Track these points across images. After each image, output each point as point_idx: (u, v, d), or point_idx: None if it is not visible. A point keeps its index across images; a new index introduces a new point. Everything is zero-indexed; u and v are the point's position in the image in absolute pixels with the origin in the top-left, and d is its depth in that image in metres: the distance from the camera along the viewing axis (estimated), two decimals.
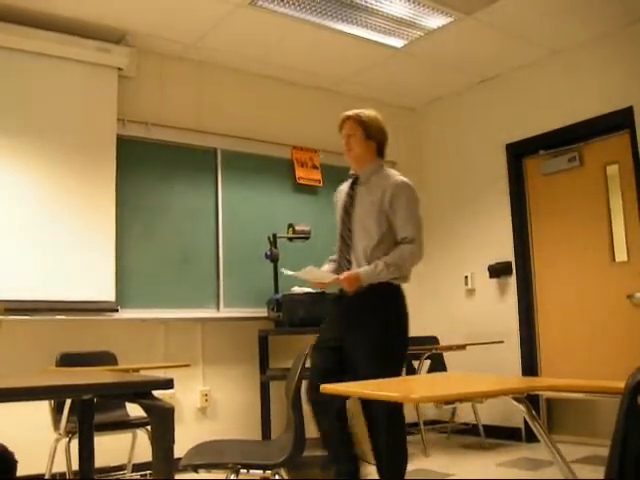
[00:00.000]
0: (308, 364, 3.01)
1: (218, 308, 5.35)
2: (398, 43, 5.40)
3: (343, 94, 6.34)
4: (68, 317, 4.64)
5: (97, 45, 4.96)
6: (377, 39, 5.32)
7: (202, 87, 5.63)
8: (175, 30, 5.13)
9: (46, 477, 4.09)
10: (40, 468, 4.12)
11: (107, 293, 4.82)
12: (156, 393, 2.15)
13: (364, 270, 3.45)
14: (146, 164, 5.26)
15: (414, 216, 3.54)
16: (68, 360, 4.28)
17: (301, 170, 5.95)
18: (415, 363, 5.53)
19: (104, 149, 4.99)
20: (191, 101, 5.55)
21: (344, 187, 3.83)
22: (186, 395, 5.11)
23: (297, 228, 5.33)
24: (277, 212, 5.68)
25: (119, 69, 5.12)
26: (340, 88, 6.28)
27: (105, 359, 4.44)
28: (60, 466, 4.00)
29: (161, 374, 3.86)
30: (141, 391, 2.16)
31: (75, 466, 3.04)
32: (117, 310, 4.89)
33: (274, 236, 5.29)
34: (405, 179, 3.63)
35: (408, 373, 5.21)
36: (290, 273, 3.71)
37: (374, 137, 3.68)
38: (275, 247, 5.26)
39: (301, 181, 5.90)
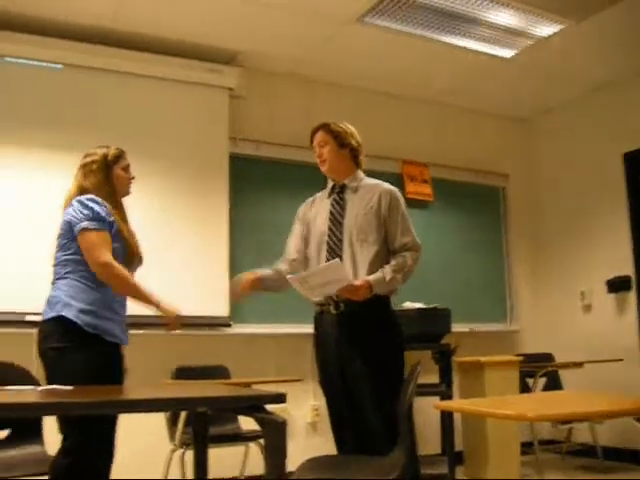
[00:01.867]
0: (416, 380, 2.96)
1: None
2: (507, 53, 5.28)
3: (453, 106, 6.27)
4: (183, 332, 4.76)
5: (209, 67, 5.12)
6: (486, 50, 5.23)
7: (311, 103, 5.68)
8: (284, 48, 5.22)
9: None
10: (156, 476, 4.23)
11: (221, 308, 4.92)
12: (269, 407, 2.16)
13: (374, 278, 3.19)
14: (257, 181, 5.36)
15: (410, 224, 3.40)
16: (183, 373, 4.38)
17: (411, 185, 5.90)
18: (529, 381, 5.36)
19: (217, 168, 5.12)
20: (300, 117, 5.61)
21: (315, 199, 3.63)
22: (297, 410, 5.14)
23: None
24: None
25: (230, 89, 5.25)
26: (450, 100, 6.21)
27: (218, 373, 4.51)
28: (175, 476, 4.10)
29: (272, 388, 3.89)
30: (254, 405, 2.18)
31: (189, 476, 3.10)
32: (230, 325, 4.99)
33: None
34: (392, 187, 3.48)
35: (522, 391, 5.06)
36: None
37: (347, 146, 3.48)
38: None
39: (411, 196, 5.84)
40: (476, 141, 6.40)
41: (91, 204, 2.92)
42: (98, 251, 2.85)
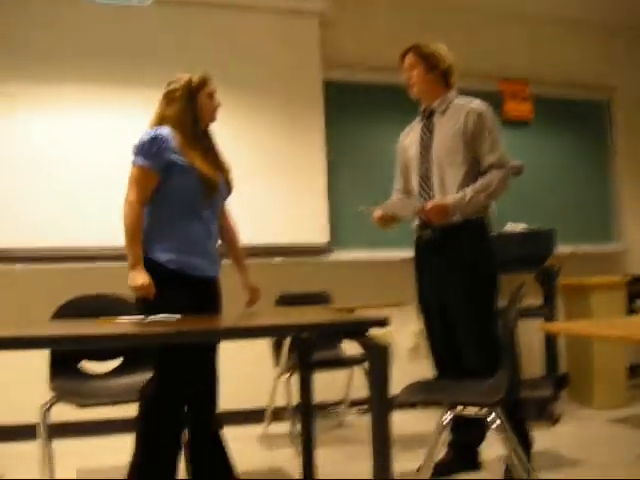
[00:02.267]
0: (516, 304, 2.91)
1: None
2: None
3: (552, 17, 5.97)
4: (286, 259, 4.83)
5: None
6: None
7: (403, 24, 5.53)
8: None
9: (268, 411, 4.33)
10: (263, 402, 4.37)
11: (321, 235, 4.97)
12: (371, 332, 2.18)
13: (452, 199, 3.14)
14: (352, 106, 5.31)
15: (500, 141, 3.24)
16: (286, 300, 4.46)
17: (511, 103, 5.71)
18: (638, 303, 5.20)
19: (311, 95, 5.10)
20: (393, 40, 5.46)
21: (411, 128, 3.54)
22: (400, 334, 5.17)
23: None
24: None
25: (319, 14, 5.17)
26: (549, 11, 5.89)
27: (320, 299, 4.58)
28: (281, 400, 4.22)
29: (375, 313, 3.92)
30: (358, 329, 2.20)
31: (295, 401, 3.18)
32: (331, 251, 5.03)
33: None
34: (484, 103, 3.33)
35: (630, 314, 4.93)
36: (369, 209, 3.42)
37: (436, 68, 3.34)
38: None
39: (511, 114, 5.67)
40: (578, 53, 6.10)
41: (145, 137, 2.84)
42: (129, 189, 2.82)
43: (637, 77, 6.33)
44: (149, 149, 2.82)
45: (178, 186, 2.85)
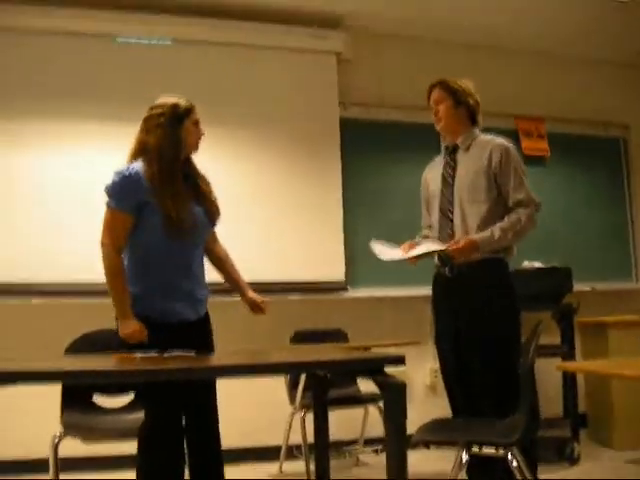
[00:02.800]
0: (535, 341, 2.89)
1: None
2: None
3: (567, 56, 6.00)
4: (301, 297, 4.84)
5: (315, 32, 5.13)
6: None
7: (419, 63, 5.58)
8: (388, 9, 5.14)
9: (283, 448, 4.30)
10: (277, 440, 4.34)
11: (337, 273, 4.97)
12: (387, 370, 2.17)
13: (480, 237, 3.11)
14: (369, 145, 5.34)
15: (525, 179, 3.22)
16: (301, 337, 4.46)
17: (527, 140, 5.73)
18: None
19: (328, 133, 5.14)
20: (409, 78, 5.53)
21: (435, 163, 3.53)
22: (416, 372, 5.14)
23: None
24: None
25: (337, 53, 5.24)
26: (563, 50, 5.94)
27: (336, 337, 4.56)
28: (296, 438, 4.19)
29: (391, 352, 3.91)
30: (374, 367, 2.19)
31: (310, 439, 3.15)
32: (347, 289, 5.03)
33: None
34: (508, 140, 3.34)
35: None
36: (382, 256, 3.36)
37: (464, 103, 3.35)
38: None
39: (527, 152, 5.67)
40: (592, 92, 6.11)
41: (117, 178, 2.75)
42: (103, 231, 2.75)
43: None
44: (120, 190, 2.74)
45: (149, 226, 2.75)
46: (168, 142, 2.78)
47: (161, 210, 2.70)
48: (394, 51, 5.56)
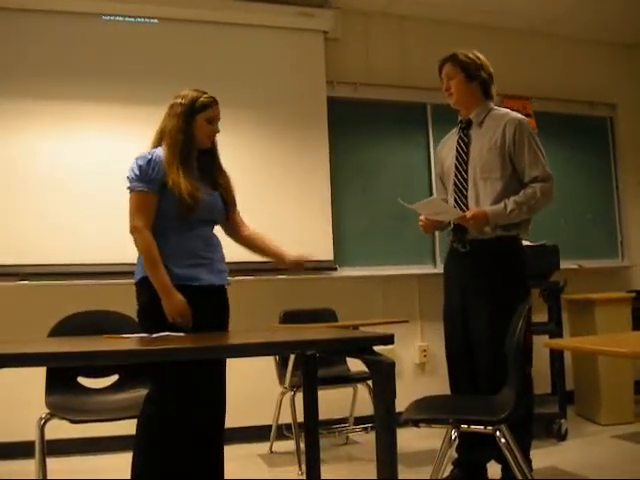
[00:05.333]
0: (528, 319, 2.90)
1: (435, 264, 5.33)
2: None
3: (554, 36, 5.99)
4: (290, 276, 4.83)
5: (302, 11, 5.08)
6: None
7: (407, 41, 5.56)
8: None
9: (273, 427, 4.32)
10: (267, 419, 4.36)
11: (326, 252, 4.96)
12: (376, 349, 2.17)
13: (492, 209, 3.12)
14: (356, 124, 5.33)
15: (542, 154, 3.24)
16: (291, 317, 4.46)
17: None
18: None
19: (316, 112, 5.12)
20: (397, 57, 5.51)
21: (449, 137, 3.52)
22: (405, 351, 5.16)
23: None
24: None
25: (324, 32, 5.21)
26: (551, 29, 5.93)
27: (325, 316, 4.57)
28: (286, 418, 4.20)
29: (380, 330, 3.92)
30: (363, 346, 2.19)
31: (300, 418, 3.17)
32: (336, 268, 5.03)
33: None
34: (522, 115, 3.30)
35: (635, 330, 4.90)
36: (406, 205, 3.27)
37: (476, 77, 3.31)
38: None
39: None
40: (580, 71, 6.11)
41: (141, 162, 2.86)
42: (132, 215, 2.82)
43: (636, 94, 6.34)
44: (146, 173, 2.84)
45: (168, 203, 2.83)
46: (178, 132, 2.90)
47: (175, 189, 2.80)
48: (381, 30, 5.53)
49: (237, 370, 4.22)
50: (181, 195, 2.79)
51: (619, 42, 6.27)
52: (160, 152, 2.90)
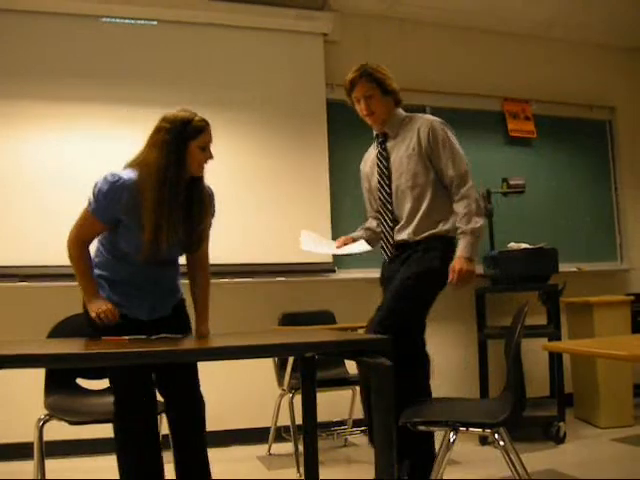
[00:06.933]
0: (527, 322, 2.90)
1: None
2: None
3: (553, 39, 6.00)
4: (288, 279, 4.84)
5: (301, 13, 5.10)
6: None
7: (406, 45, 5.57)
8: None
9: (271, 430, 4.31)
10: (266, 421, 4.35)
11: (325, 254, 4.96)
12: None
13: (462, 249, 3.08)
14: (356, 126, 5.31)
15: (457, 151, 3.18)
16: (290, 319, 4.46)
17: (513, 122, 5.73)
18: None
19: (315, 115, 5.12)
20: (396, 60, 5.50)
21: (370, 153, 3.50)
22: None
23: (511, 182, 5.14)
24: (490, 167, 5.51)
25: (324, 34, 5.22)
26: (549, 33, 5.93)
27: (324, 318, 4.57)
28: (284, 420, 4.21)
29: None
30: (361, 349, 2.19)
31: (299, 420, 3.17)
32: (334, 270, 5.04)
33: (488, 191, 5.15)
34: (439, 120, 3.26)
35: (634, 333, 4.91)
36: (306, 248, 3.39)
37: (391, 90, 3.27)
38: (489, 202, 5.11)
39: (514, 134, 5.69)
40: (579, 74, 6.12)
41: (104, 186, 2.63)
42: (75, 224, 2.72)
43: (635, 97, 6.35)
44: (102, 199, 2.63)
45: (123, 237, 2.69)
46: (170, 163, 2.62)
47: (139, 233, 2.61)
48: (381, 32, 5.53)
49: (236, 372, 4.25)
50: (145, 246, 2.60)
51: (618, 45, 6.28)
52: (131, 178, 2.64)
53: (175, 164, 2.62)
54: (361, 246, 3.24)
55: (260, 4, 4.99)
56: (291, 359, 4.00)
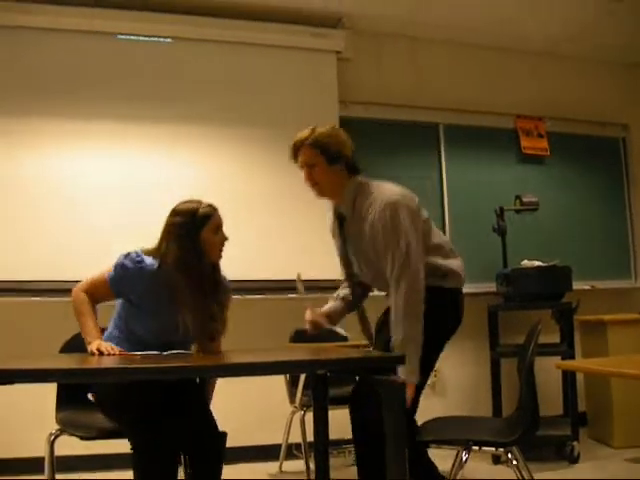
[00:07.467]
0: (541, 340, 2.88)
1: None
2: None
3: (566, 56, 6.00)
4: (301, 295, 4.82)
5: (314, 31, 5.13)
6: None
7: (418, 62, 5.59)
8: (388, 8, 5.14)
9: (283, 447, 4.30)
10: (277, 439, 4.34)
11: (337, 271, 4.95)
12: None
13: (403, 369, 2.45)
14: (368, 143, 5.33)
15: (397, 243, 2.72)
16: (301, 336, 4.44)
17: (526, 139, 5.73)
18: None
19: None
20: (409, 77, 5.54)
21: (331, 215, 3.14)
22: None
23: (524, 199, 5.13)
24: (503, 184, 5.51)
25: (337, 52, 5.25)
26: (562, 50, 5.93)
27: (336, 335, 4.55)
28: (296, 437, 4.19)
29: None
30: (372, 366, 2.19)
31: (310, 437, 3.15)
32: None
33: (501, 209, 5.14)
34: (388, 198, 2.85)
35: None
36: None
37: (340, 158, 2.88)
38: (502, 220, 5.11)
39: (527, 151, 5.69)
40: (592, 91, 6.11)
41: (127, 262, 2.73)
42: (88, 280, 2.81)
43: None
44: (121, 272, 2.73)
45: (137, 324, 2.76)
46: (187, 254, 2.72)
47: (153, 319, 2.72)
48: (394, 50, 5.56)
49: (247, 389, 4.24)
50: (161, 331, 2.72)
51: (631, 62, 6.27)
52: (151, 265, 2.73)
53: (193, 253, 2.73)
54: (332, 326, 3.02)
55: (275, 22, 5.03)
56: (303, 376, 4.00)
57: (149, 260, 2.75)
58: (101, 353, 2.51)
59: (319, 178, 2.90)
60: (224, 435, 2.77)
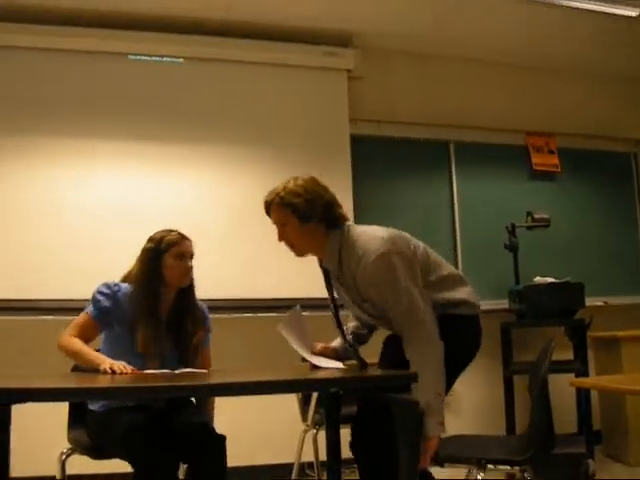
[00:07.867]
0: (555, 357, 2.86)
1: None
2: (632, 12, 4.91)
3: (576, 72, 6.00)
4: (310, 313, 4.80)
5: (325, 50, 5.15)
6: (606, 10, 4.87)
7: (428, 80, 5.61)
8: (398, 27, 5.18)
9: (295, 466, 4.27)
10: (289, 457, 4.31)
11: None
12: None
13: (426, 422, 2.31)
14: (379, 161, 5.36)
15: (397, 292, 2.54)
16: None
17: (537, 156, 5.73)
18: None
19: (339, 150, 5.15)
20: (419, 95, 5.55)
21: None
22: None
23: (536, 216, 5.13)
24: (514, 201, 5.51)
25: (348, 71, 5.27)
26: (572, 67, 5.94)
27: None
28: (308, 456, 4.16)
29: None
30: (384, 385, 2.18)
31: (322, 456, 3.14)
32: None
33: (512, 225, 5.14)
34: (377, 250, 2.61)
35: None
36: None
37: (313, 215, 2.66)
38: (514, 236, 5.10)
39: (538, 167, 5.69)
40: (603, 107, 6.11)
41: (102, 289, 2.85)
42: (71, 325, 2.84)
43: None
44: (101, 298, 2.82)
45: (120, 353, 2.73)
46: (145, 276, 2.84)
47: (132, 345, 2.76)
48: (404, 68, 5.58)
49: (259, 407, 4.22)
50: (139, 341, 2.75)
51: None
52: (125, 291, 2.85)
53: (153, 276, 2.83)
54: (336, 364, 2.79)
55: (286, 41, 5.06)
56: (315, 394, 3.98)
57: (124, 285, 2.88)
58: (114, 372, 2.51)
59: (292, 239, 2.73)
60: (223, 438, 2.71)
